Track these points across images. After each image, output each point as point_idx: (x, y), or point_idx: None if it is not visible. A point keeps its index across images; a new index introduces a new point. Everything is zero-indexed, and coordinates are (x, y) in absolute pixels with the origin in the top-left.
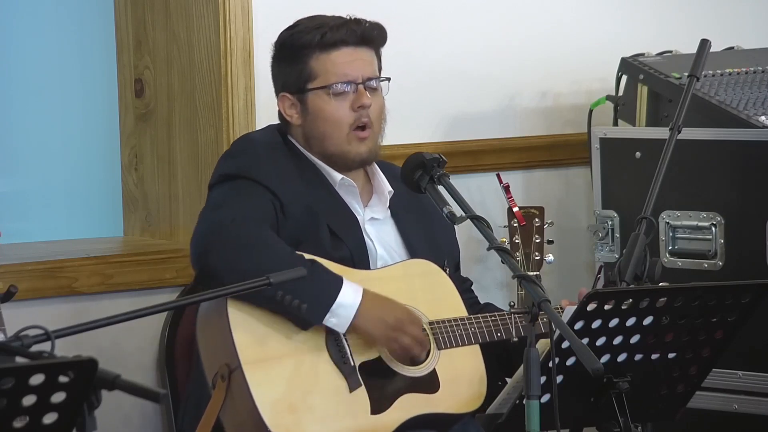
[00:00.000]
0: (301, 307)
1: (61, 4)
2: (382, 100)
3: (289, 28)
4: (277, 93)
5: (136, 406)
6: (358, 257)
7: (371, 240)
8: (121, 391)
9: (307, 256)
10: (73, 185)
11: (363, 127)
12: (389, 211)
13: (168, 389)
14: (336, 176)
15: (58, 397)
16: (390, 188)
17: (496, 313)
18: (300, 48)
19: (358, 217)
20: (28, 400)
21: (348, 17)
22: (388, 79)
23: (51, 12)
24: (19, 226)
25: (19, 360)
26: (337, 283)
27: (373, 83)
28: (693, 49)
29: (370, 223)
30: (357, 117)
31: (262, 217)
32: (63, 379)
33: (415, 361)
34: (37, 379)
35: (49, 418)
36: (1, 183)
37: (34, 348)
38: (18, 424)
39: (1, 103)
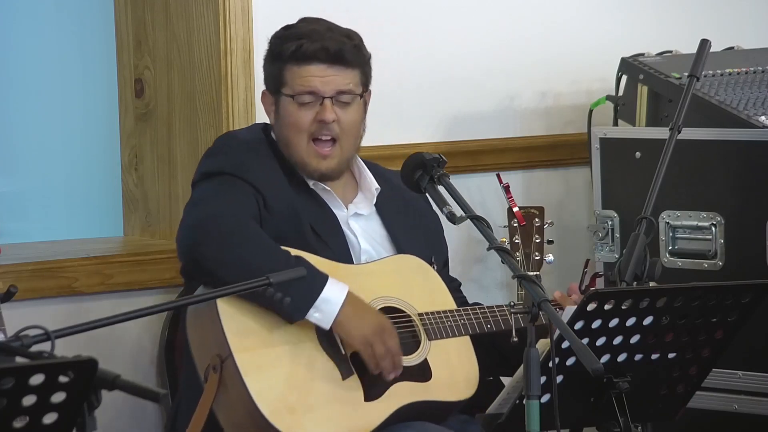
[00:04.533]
0: (284, 300)
1: (61, 4)
2: (355, 116)
3: (284, 28)
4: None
5: (136, 406)
6: (341, 254)
7: (354, 235)
8: (121, 391)
9: (293, 252)
10: (73, 185)
11: (330, 141)
12: (374, 208)
13: (168, 389)
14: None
15: (58, 397)
16: (377, 185)
17: (485, 306)
18: (278, 54)
19: (338, 214)
20: (28, 400)
21: (331, 33)
22: (361, 95)
23: (51, 12)
24: (19, 226)
25: (19, 360)
26: (322, 278)
27: (345, 98)
28: (693, 49)
29: (355, 218)
30: (317, 129)
31: (247, 211)
32: (63, 379)
33: (406, 351)
34: (37, 379)
35: (49, 418)
36: (1, 183)
37: (34, 348)
38: (18, 424)
39: (1, 103)
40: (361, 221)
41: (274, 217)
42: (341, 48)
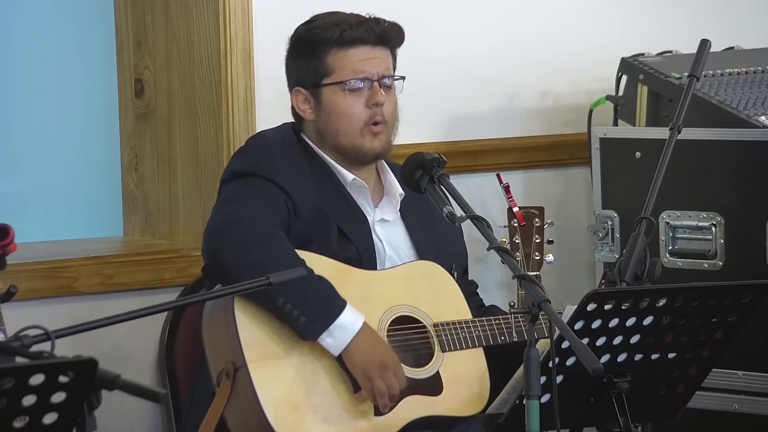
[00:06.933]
0: (300, 319)
1: (61, 4)
2: (395, 99)
3: (307, 22)
4: (290, 88)
5: (136, 406)
6: (366, 258)
7: (380, 241)
8: (121, 391)
9: (316, 268)
10: (73, 185)
11: (376, 124)
12: (399, 213)
13: (168, 389)
14: (347, 176)
15: (58, 397)
16: (401, 190)
17: (500, 317)
18: (317, 43)
19: (368, 218)
20: (28, 400)
21: (367, 16)
22: (403, 77)
23: (51, 12)
24: (19, 226)
25: (19, 360)
26: (340, 304)
27: (388, 81)
28: (693, 49)
29: (380, 224)
30: (371, 114)
31: (273, 215)
32: (63, 379)
33: (419, 362)
34: (37, 379)
35: (49, 418)
36: (1, 183)
37: (34, 348)
38: (18, 424)
39: (1, 103)
40: (386, 227)
41: (302, 221)
42: (383, 28)
